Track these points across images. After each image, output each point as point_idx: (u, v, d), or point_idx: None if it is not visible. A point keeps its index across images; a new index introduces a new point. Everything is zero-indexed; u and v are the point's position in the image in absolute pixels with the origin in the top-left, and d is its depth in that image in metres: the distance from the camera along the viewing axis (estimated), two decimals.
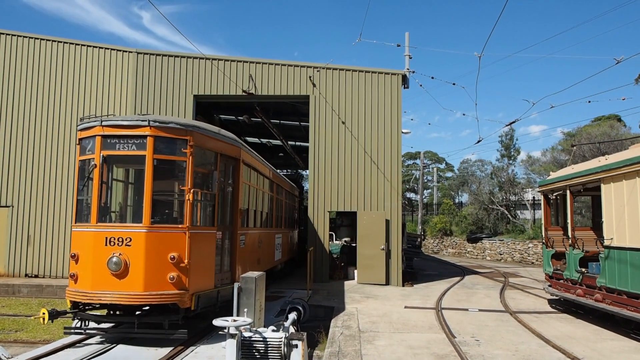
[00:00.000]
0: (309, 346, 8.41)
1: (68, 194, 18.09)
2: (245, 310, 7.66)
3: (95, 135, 8.11)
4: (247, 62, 18.26)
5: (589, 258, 11.24)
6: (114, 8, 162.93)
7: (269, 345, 7.15)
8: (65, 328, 8.20)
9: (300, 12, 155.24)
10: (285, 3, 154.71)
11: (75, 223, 8.40)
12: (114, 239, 7.71)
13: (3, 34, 19.08)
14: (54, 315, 7.93)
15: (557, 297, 12.87)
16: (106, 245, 7.69)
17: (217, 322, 6.91)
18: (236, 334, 6.92)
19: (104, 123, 8.07)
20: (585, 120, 50.77)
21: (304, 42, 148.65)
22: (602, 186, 10.41)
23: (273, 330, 7.51)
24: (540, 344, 8.93)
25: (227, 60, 18.32)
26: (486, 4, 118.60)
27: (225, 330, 6.91)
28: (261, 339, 7.19)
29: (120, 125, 8.07)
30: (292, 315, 9.54)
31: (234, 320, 6.97)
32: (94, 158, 8.10)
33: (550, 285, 13.01)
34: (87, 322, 8.11)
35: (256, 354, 7.14)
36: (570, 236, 11.76)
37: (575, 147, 23.47)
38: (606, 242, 10.04)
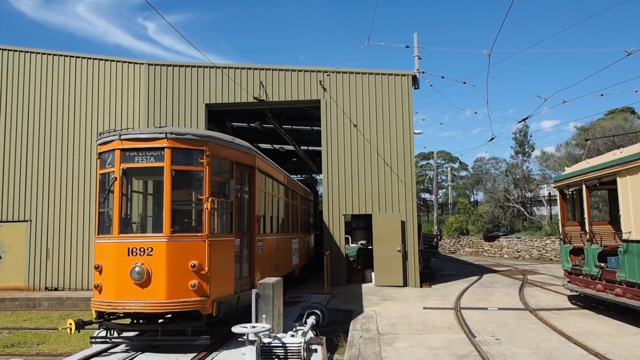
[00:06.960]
0: (328, 350, 8.48)
1: (85, 208, 18.38)
2: (264, 316, 7.75)
3: (114, 149, 8.30)
4: (257, 69, 18.41)
5: (608, 252, 11.15)
6: (119, 20, 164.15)
7: (289, 351, 7.22)
8: (91, 337, 8.37)
9: (306, 16, 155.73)
10: (290, 8, 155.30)
11: (98, 235, 8.60)
12: (136, 249, 7.88)
13: (18, 51, 19.49)
14: (80, 325, 8.11)
15: (577, 293, 12.79)
16: (128, 255, 7.86)
17: (236, 329, 6.99)
18: (255, 340, 7.00)
19: (122, 137, 8.26)
20: (599, 114, 50.16)
21: (310, 46, 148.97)
22: (618, 179, 10.34)
23: (292, 336, 7.58)
24: (562, 341, 8.89)
25: (237, 68, 18.50)
26: (493, 1, 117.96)
27: (245, 337, 6.99)
28: (280, 344, 7.27)
29: (138, 139, 8.25)
30: (311, 320, 9.60)
31: (253, 327, 7.03)
32: (114, 171, 8.28)
33: (569, 282, 12.93)
34: (112, 331, 8.28)
35: (276, 359, 7.22)
36: (587, 231, 11.68)
37: (589, 142, 23.30)
38: (624, 236, 9.97)
